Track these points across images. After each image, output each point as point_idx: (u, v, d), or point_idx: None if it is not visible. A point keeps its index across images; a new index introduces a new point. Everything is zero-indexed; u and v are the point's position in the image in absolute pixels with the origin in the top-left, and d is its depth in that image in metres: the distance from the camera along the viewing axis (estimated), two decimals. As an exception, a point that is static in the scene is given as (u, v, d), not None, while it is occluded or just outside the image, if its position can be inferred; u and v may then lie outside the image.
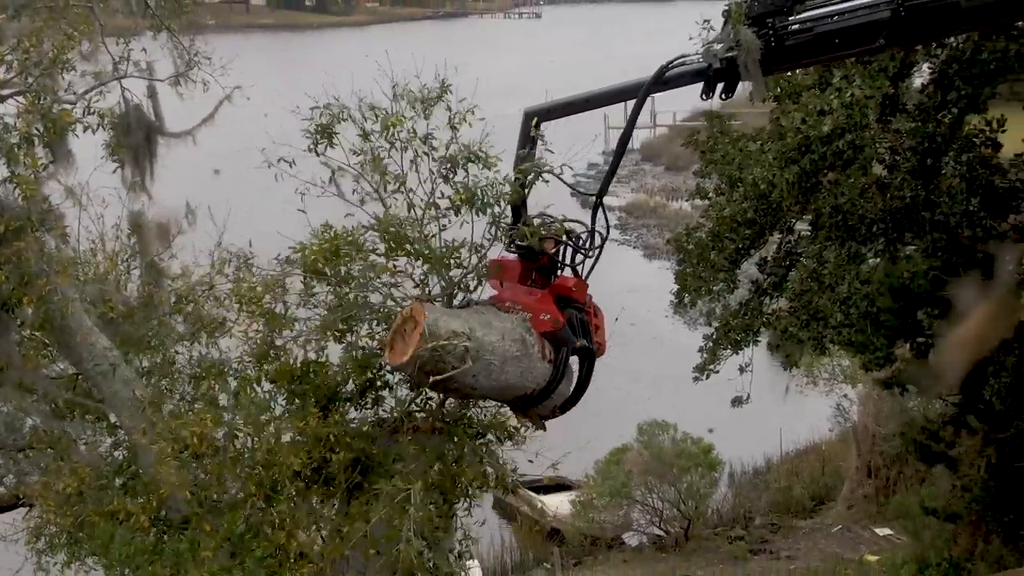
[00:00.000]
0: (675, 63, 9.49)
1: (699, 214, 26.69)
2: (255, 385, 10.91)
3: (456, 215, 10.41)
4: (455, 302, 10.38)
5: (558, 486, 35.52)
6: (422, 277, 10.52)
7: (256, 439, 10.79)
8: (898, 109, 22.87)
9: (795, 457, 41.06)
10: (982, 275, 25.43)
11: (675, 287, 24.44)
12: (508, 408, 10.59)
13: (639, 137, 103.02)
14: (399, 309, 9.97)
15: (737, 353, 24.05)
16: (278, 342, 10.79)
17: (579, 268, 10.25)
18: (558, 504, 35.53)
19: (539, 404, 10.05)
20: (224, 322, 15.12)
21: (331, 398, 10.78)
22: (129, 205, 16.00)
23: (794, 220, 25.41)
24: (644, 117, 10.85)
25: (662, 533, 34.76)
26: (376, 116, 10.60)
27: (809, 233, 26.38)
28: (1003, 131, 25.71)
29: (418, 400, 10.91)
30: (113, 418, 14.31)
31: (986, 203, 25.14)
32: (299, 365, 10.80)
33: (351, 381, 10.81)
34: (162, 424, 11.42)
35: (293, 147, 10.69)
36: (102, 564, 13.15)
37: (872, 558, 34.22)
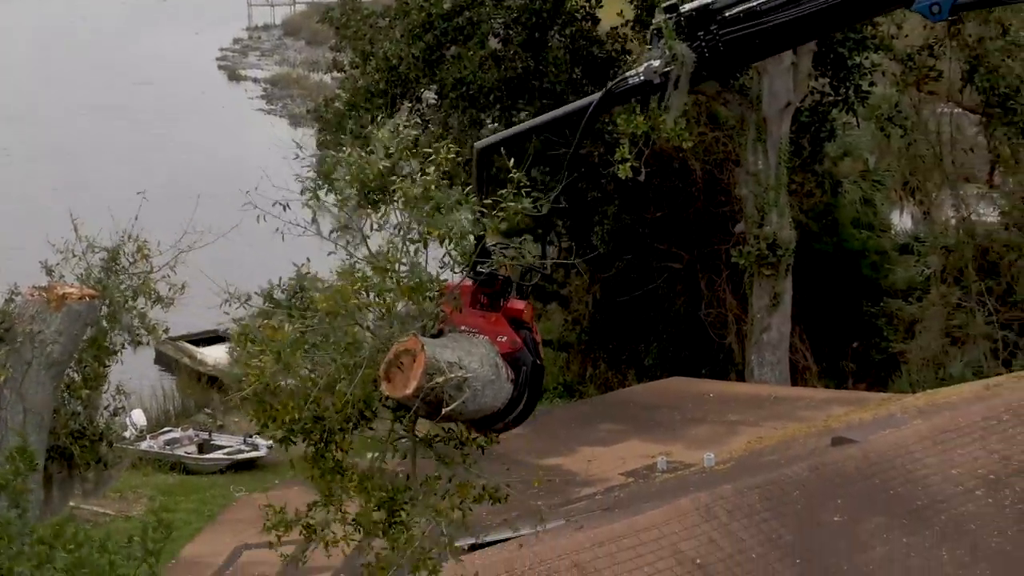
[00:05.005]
0: (619, 82, 9.32)
1: (336, 86, 26.64)
2: None
3: (424, 247, 9.60)
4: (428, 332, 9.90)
5: (216, 338, 35.22)
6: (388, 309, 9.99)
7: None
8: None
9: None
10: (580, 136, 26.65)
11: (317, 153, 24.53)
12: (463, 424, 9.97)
13: (280, 13, 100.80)
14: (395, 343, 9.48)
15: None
16: (280, 382, 9.97)
17: (526, 289, 9.95)
18: (217, 355, 35.26)
19: (501, 421, 9.77)
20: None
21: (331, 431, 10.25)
22: None
23: (422, 90, 25.78)
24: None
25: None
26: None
27: (435, 102, 26.82)
28: (600, 7, 26.72)
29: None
30: None
31: (587, 72, 26.17)
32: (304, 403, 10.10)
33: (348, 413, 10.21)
34: None
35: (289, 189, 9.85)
36: None
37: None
